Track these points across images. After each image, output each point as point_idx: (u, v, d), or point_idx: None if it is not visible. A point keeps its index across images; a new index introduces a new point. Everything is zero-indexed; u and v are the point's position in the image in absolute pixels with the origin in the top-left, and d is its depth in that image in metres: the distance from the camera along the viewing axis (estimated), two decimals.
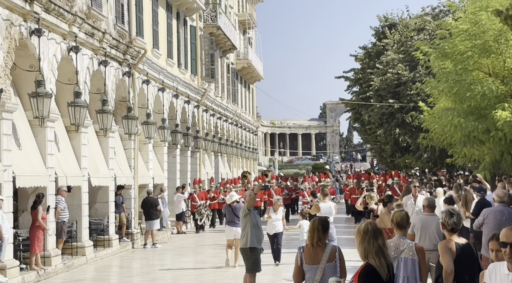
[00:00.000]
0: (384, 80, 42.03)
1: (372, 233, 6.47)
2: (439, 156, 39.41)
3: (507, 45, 21.93)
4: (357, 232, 6.56)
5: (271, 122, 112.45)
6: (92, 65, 21.33)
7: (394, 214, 8.27)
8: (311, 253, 7.85)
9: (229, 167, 46.92)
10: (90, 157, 21.11)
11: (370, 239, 6.44)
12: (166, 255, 22.73)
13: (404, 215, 8.18)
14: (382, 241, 6.49)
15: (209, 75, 38.56)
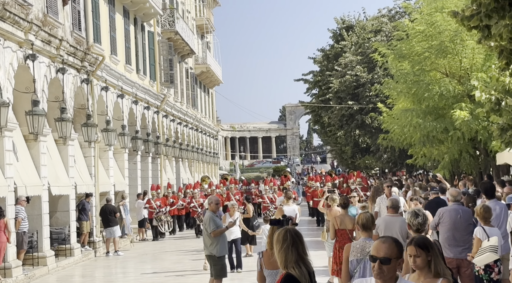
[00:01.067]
0: (343, 82, 42.33)
1: (291, 240, 6.11)
2: (399, 157, 39.79)
3: (463, 45, 22.22)
4: (276, 240, 6.21)
5: (231, 126, 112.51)
6: (49, 73, 21.07)
7: (360, 216, 8.31)
8: (270, 258, 7.84)
9: (190, 172, 46.75)
10: (50, 166, 20.84)
11: (289, 247, 6.08)
12: (129, 262, 22.56)
13: (369, 216, 8.22)
14: (303, 248, 6.16)
15: (168, 80, 38.38)
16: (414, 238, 5.76)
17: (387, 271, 4.93)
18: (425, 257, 5.59)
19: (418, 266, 5.62)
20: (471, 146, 23.73)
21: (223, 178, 38.23)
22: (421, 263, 5.60)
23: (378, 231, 11.29)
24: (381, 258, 4.89)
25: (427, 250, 5.60)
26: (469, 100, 21.82)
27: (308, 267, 6.15)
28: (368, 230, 8.20)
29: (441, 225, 11.74)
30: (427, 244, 5.64)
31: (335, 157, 61.47)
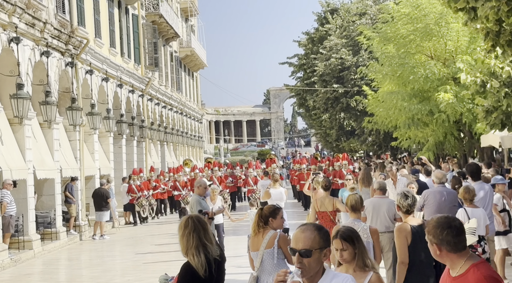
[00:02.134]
0: (328, 65, 42.35)
1: (192, 227, 6.03)
2: (383, 139, 39.95)
3: (447, 28, 22.30)
4: (178, 226, 6.15)
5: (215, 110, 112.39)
6: (34, 56, 20.93)
7: (349, 197, 8.36)
8: (254, 240, 7.99)
9: (175, 156, 46.71)
10: (35, 149, 20.76)
11: (190, 234, 6.01)
12: (115, 246, 22.56)
13: (358, 198, 8.28)
14: (205, 235, 6.06)
15: (152, 64, 38.23)
16: (340, 231, 5.51)
17: (308, 264, 4.30)
18: (352, 250, 5.44)
19: (346, 260, 5.47)
20: (455, 129, 23.88)
21: (207, 162, 38.02)
22: (348, 256, 5.46)
23: (366, 213, 11.36)
24: (301, 251, 4.25)
25: (354, 243, 5.45)
26: (454, 83, 21.93)
27: (208, 255, 6.01)
28: (357, 211, 8.27)
29: (425, 206, 11.82)
30: (354, 237, 5.48)
31: (320, 141, 61.58)
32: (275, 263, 7.82)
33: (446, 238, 4.41)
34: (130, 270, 17.08)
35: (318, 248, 4.26)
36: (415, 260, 7.67)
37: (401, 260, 7.62)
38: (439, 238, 4.45)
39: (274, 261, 7.79)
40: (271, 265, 7.84)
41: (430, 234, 4.48)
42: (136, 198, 28.80)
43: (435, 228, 4.46)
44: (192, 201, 13.78)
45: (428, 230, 4.52)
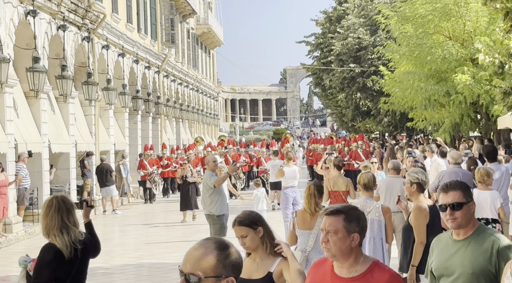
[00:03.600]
0: (345, 44, 42.07)
1: (56, 207, 5.82)
2: (399, 120, 39.74)
3: (467, 9, 22.02)
4: (43, 206, 5.98)
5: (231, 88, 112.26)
6: (50, 29, 20.93)
7: (361, 175, 8.29)
8: (305, 218, 7.87)
9: (190, 133, 46.77)
10: (50, 123, 20.82)
11: (53, 215, 5.79)
12: (128, 221, 22.65)
13: (371, 176, 8.21)
14: (68, 216, 5.84)
15: (169, 40, 38.18)
16: (237, 217, 5.19)
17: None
18: (253, 235, 5.05)
19: (249, 247, 5.09)
20: (472, 110, 23.69)
21: (220, 140, 37.55)
22: (250, 243, 5.07)
23: (379, 193, 11.32)
24: (187, 275, 3.03)
25: (254, 226, 5.07)
26: (471, 64, 21.71)
27: (72, 237, 5.81)
28: (370, 190, 8.21)
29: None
30: (253, 220, 5.12)
31: (335, 120, 61.38)
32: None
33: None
34: (143, 245, 17.16)
35: (213, 276, 2.95)
36: (430, 240, 7.61)
37: (420, 240, 7.54)
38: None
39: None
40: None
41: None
42: (148, 174, 28.14)
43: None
44: (205, 177, 13.83)
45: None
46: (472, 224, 4.73)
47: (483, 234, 4.69)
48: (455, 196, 4.67)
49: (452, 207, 4.64)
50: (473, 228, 4.71)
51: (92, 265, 14.32)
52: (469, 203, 4.70)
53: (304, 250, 7.85)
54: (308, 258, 7.81)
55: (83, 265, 6.06)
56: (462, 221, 4.65)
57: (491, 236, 4.66)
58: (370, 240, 7.88)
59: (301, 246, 7.89)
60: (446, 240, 4.84)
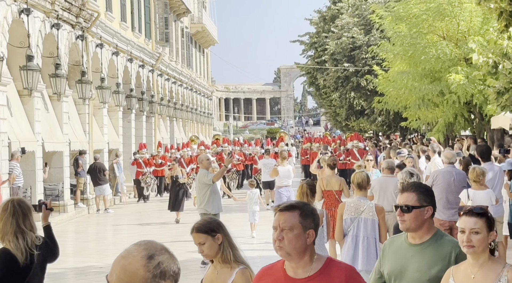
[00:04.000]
0: (339, 44, 42.10)
1: (12, 211, 5.62)
2: (393, 119, 39.81)
3: (460, 8, 22.06)
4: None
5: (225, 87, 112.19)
6: (44, 28, 20.88)
7: (355, 175, 8.29)
8: None
9: (184, 132, 46.74)
10: (44, 122, 20.78)
11: (8, 219, 5.60)
12: (122, 220, 22.63)
13: (364, 176, 8.20)
14: (24, 220, 5.66)
15: (163, 39, 38.15)
16: (196, 224, 5.04)
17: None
18: (212, 242, 4.89)
19: (208, 255, 4.92)
20: (466, 110, 23.74)
21: (215, 139, 37.42)
22: (209, 251, 4.90)
23: (373, 192, 11.33)
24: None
25: (212, 233, 4.90)
26: (465, 64, 21.76)
27: (28, 242, 5.64)
28: (363, 189, 8.20)
29: (434, 187, 11.76)
30: (212, 226, 4.96)
31: (329, 120, 61.43)
32: (323, 241, 7.86)
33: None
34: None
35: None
36: None
37: None
38: None
39: (322, 239, 7.81)
40: (317, 243, 7.83)
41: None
42: (142, 174, 27.91)
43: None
44: (199, 175, 13.76)
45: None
46: (427, 229, 4.60)
47: (441, 240, 4.59)
48: (408, 198, 4.56)
49: (401, 209, 4.54)
50: (429, 233, 4.60)
51: (85, 264, 14.35)
52: (423, 207, 4.56)
53: None
54: None
55: (40, 270, 5.90)
56: (411, 225, 4.53)
57: (450, 243, 4.58)
58: (363, 240, 7.88)
59: None
60: (400, 243, 4.71)
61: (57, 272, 12.77)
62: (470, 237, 4.06)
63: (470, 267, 4.13)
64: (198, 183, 13.83)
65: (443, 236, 4.64)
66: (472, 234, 4.06)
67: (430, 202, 4.61)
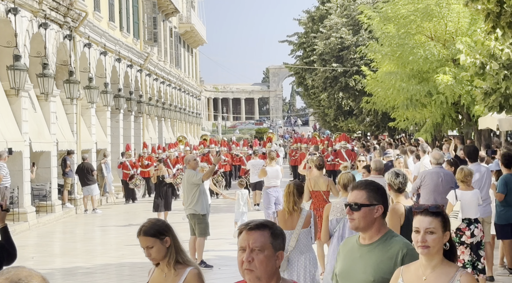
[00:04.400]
0: (327, 44, 42.18)
1: None
2: (381, 120, 39.91)
3: (448, 9, 22.14)
4: None
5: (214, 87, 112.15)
6: (31, 27, 20.80)
7: (341, 176, 8.31)
8: (286, 218, 7.88)
9: (172, 132, 46.67)
10: (31, 121, 20.69)
11: None
12: (110, 220, 22.57)
13: (350, 176, 8.22)
14: None
15: (151, 39, 38.06)
16: (142, 226, 4.85)
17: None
18: (160, 245, 4.70)
19: (155, 258, 4.73)
20: (453, 110, 23.83)
21: (202, 139, 37.18)
22: (157, 254, 4.72)
23: None
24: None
25: (161, 236, 4.71)
26: (453, 64, 21.84)
27: None
28: None
29: (422, 187, 11.83)
30: (160, 229, 4.77)
31: (318, 120, 61.51)
32: (310, 242, 7.87)
33: None
34: (124, 244, 17.09)
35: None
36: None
37: None
38: None
39: (310, 240, 7.82)
40: (305, 244, 7.85)
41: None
42: (130, 176, 27.54)
43: None
44: (187, 175, 13.69)
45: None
46: (378, 229, 4.43)
47: (390, 241, 4.42)
48: (357, 196, 4.41)
49: (350, 207, 4.40)
50: (379, 233, 4.43)
51: (73, 265, 14.30)
52: (372, 206, 4.39)
53: (285, 250, 7.84)
54: (289, 259, 7.82)
55: None
56: (360, 223, 4.37)
57: (398, 244, 4.40)
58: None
59: None
60: (352, 244, 4.56)
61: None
62: (425, 237, 3.88)
63: (422, 268, 3.98)
64: (186, 184, 13.71)
65: (393, 237, 4.47)
66: (427, 234, 3.89)
67: (380, 201, 4.44)
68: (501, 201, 11.58)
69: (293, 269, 7.84)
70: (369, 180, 4.64)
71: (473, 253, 9.97)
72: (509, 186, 11.60)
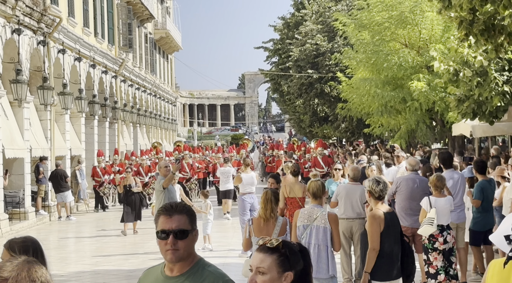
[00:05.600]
0: (303, 50, 42.26)
1: None
2: (356, 126, 40.00)
3: (422, 16, 22.30)
4: None
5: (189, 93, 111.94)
6: (5, 33, 20.62)
7: (310, 183, 8.30)
8: (261, 226, 7.87)
9: (148, 138, 46.49)
10: (5, 128, 20.50)
11: None
12: (84, 227, 22.41)
13: (320, 185, 8.21)
14: None
15: (126, 45, 37.91)
16: (9, 243, 4.44)
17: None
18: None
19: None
20: (428, 117, 23.97)
21: (176, 145, 36.77)
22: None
23: (338, 198, 11.38)
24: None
25: (28, 254, 4.19)
26: (427, 71, 22.00)
27: None
28: (318, 198, 8.19)
29: (397, 193, 11.89)
30: (25, 246, 4.44)
31: (293, 126, 61.58)
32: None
33: None
34: (99, 251, 16.98)
35: None
36: (385, 246, 7.68)
37: (373, 247, 7.61)
38: None
39: None
40: None
41: None
42: (100, 184, 27.20)
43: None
44: (157, 182, 13.84)
45: None
46: (192, 257, 3.82)
47: (202, 271, 3.78)
48: (181, 221, 3.73)
49: (175, 235, 3.69)
50: (192, 262, 3.80)
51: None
52: (194, 231, 3.80)
53: None
54: None
55: None
56: (185, 253, 3.74)
57: (212, 275, 3.76)
58: (314, 247, 7.90)
59: None
60: (156, 276, 3.86)
61: None
62: (254, 277, 3.29)
63: None
64: (156, 191, 14.03)
65: (205, 266, 3.82)
66: (258, 273, 3.29)
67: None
68: (478, 207, 11.68)
69: None
70: (181, 203, 3.92)
71: (445, 259, 10.03)
72: (485, 193, 11.71)
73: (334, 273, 7.92)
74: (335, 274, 7.94)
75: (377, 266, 7.64)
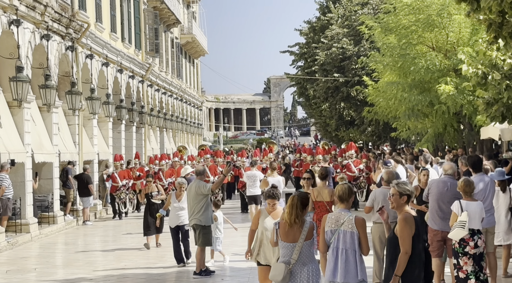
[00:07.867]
0: (329, 54, 42.17)
1: None
2: (383, 130, 39.86)
3: (450, 19, 22.21)
4: None
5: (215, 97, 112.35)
6: (34, 39, 20.84)
7: (337, 187, 8.24)
8: (287, 231, 7.86)
9: (174, 143, 46.67)
10: (34, 133, 20.71)
11: None
12: (111, 231, 22.54)
13: (346, 188, 8.12)
14: None
15: (153, 49, 38.14)
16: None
17: None
18: None
19: None
20: (455, 120, 23.85)
21: (200, 149, 36.09)
22: None
23: (374, 203, 11.32)
24: None
25: None
26: (454, 74, 21.88)
27: None
28: (345, 201, 8.11)
29: (429, 196, 11.83)
30: None
31: (319, 130, 61.45)
32: (313, 253, 7.89)
33: None
34: (126, 255, 17.06)
35: None
36: (415, 250, 7.62)
37: (405, 250, 7.53)
38: None
39: (312, 252, 7.86)
40: (308, 256, 7.85)
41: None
42: (117, 188, 26.08)
43: None
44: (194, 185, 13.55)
45: None
46: None
47: None
48: None
49: None
50: None
51: (75, 276, 14.27)
52: None
53: (288, 262, 7.82)
54: (292, 271, 7.80)
55: None
56: None
57: None
58: (342, 252, 7.83)
59: (285, 258, 7.86)
60: None
61: None
62: None
63: None
64: (194, 194, 13.47)
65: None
66: None
67: None
68: None
69: (295, 281, 7.82)
70: None
71: (475, 264, 9.95)
72: None
73: (364, 277, 7.87)
74: (365, 278, 7.89)
75: (407, 270, 7.60)
